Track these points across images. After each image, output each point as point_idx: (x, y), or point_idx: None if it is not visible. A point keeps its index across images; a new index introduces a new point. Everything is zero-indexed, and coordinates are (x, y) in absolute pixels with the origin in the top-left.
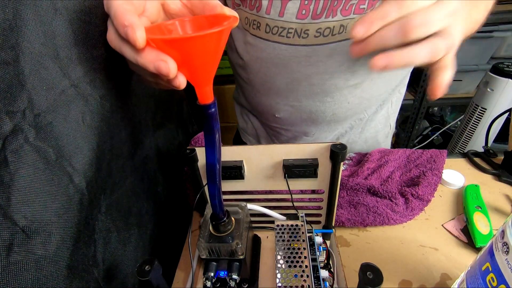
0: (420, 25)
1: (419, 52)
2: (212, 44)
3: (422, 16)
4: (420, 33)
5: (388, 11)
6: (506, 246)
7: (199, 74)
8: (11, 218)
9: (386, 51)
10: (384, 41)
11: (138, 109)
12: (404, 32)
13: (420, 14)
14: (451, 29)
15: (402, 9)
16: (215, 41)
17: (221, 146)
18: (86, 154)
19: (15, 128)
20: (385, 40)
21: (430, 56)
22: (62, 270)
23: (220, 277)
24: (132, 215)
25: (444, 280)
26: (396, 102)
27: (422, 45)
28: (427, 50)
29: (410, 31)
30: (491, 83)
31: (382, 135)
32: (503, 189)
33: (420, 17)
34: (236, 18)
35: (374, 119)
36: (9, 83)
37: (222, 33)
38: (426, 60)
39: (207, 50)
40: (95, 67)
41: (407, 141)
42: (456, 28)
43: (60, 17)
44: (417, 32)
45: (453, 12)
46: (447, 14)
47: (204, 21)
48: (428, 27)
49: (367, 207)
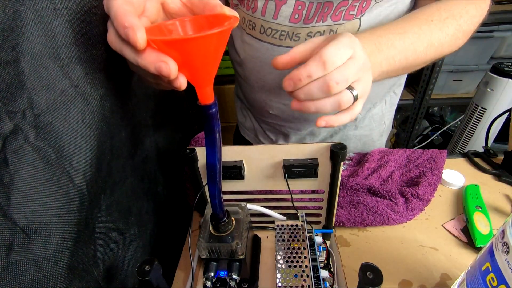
0: (339, 82)
1: (327, 104)
2: (213, 45)
3: (339, 74)
4: (340, 88)
5: (314, 72)
6: (506, 246)
7: (200, 75)
8: (11, 218)
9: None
10: (311, 96)
11: (138, 109)
12: (327, 88)
13: (338, 73)
14: (360, 81)
15: (325, 70)
16: (216, 42)
17: (221, 146)
18: (86, 154)
19: (15, 128)
20: (312, 95)
21: (337, 107)
22: (62, 270)
23: (220, 277)
24: (132, 215)
25: (444, 280)
26: (391, 101)
27: (330, 99)
28: (335, 103)
29: (332, 88)
30: (491, 83)
31: (377, 133)
32: (503, 189)
33: (338, 76)
34: (237, 18)
35: (368, 117)
36: (9, 83)
37: (222, 34)
38: (334, 109)
39: (208, 51)
40: (95, 67)
41: (407, 141)
42: (365, 79)
43: (60, 17)
44: (337, 89)
45: (362, 67)
46: (358, 69)
47: (204, 21)
48: (345, 84)
49: (367, 207)
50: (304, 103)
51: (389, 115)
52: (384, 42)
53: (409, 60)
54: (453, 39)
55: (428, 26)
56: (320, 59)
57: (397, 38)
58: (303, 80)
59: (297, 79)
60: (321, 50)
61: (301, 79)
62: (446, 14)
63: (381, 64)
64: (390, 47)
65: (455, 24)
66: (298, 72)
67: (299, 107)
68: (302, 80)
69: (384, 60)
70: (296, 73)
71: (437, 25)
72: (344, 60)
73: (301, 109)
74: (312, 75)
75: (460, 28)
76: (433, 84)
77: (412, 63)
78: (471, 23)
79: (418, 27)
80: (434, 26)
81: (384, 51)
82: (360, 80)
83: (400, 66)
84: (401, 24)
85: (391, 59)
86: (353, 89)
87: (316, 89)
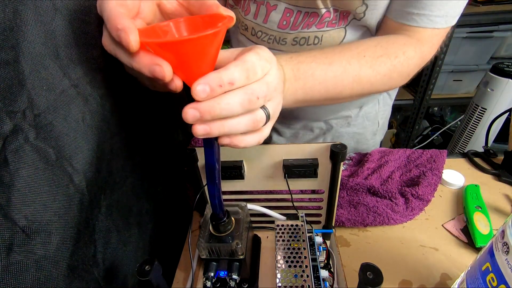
0: (260, 97)
1: (241, 123)
2: (207, 46)
3: (259, 88)
4: (259, 104)
5: (238, 79)
6: (506, 246)
7: (195, 76)
8: (11, 218)
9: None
10: (230, 110)
11: (138, 109)
12: (248, 103)
13: (259, 87)
14: (273, 101)
15: (248, 79)
16: (210, 43)
17: (219, 146)
18: (86, 154)
19: (15, 128)
20: (231, 109)
21: (252, 127)
22: (62, 270)
23: (220, 277)
24: (132, 215)
25: (444, 280)
26: (384, 101)
27: (245, 116)
28: (250, 122)
29: (252, 103)
30: (491, 83)
31: (370, 132)
32: (503, 189)
33: (258, 89)
34: (232, 18)
35: (361, 116)
36: (9, 83)
37: (216, 35)
38: (247, 129)
39: (202, 52)
40: (95, 67)
41: (407, 141)
42: (276, 100)
43: (60, 17)
44: (257, 104)
45: (276, 86)
46: (273, 88)
47: (199, 22)
48: (263, 100)
49: (367, 207)
50: (213, 123)
51: (383, 115)
52: (304, 70)
53: (330, 93)
54: (386, 79)
55: (358, 62)
56: (243, 65)
57: (320, 69)
58: (224, 87)
59: (216, 84)
60: (243, 56)
61: (221, 85)
62: (381, 52)
63: (296, 92)
64: (309, 76)
65: (389, 64)
66: (218, 76)
67: (205, 131)
68: (223, 87)
69: (300, 90)
70: (215, 77)
71: (369, 62)
72: (264, 73)
73: (209, 132)
74: (234, 82)
75: (394, 69)
76: (433, 84)
77: (335, 96)
78: (407, 64)
79: (347, 61)
80: (365, 62)
81: (301, 79)
82: (273, 100)
83: (320, 97)
84: (330, 54)
85: (308, 89)
86: (266, 108)
87: (236, 103)
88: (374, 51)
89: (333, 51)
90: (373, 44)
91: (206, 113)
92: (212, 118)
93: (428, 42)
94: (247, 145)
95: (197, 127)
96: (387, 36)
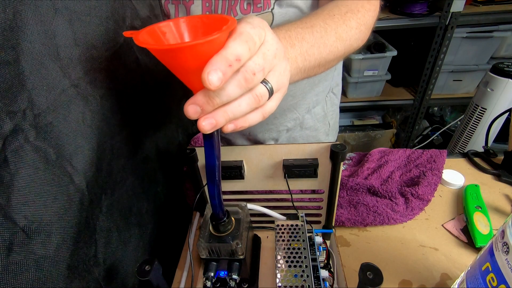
0: (256, 72)
1: (242, 103)
2: (204, 52)
3: (254, 62)
4: (257, 80)
5: (242, 53)
6: (506, 246)
7: (196, 81)
8: (11, 218)
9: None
10: (229, 94)
11: (139, 109)
12: (244, 81)
13: (253, 61)
14: (275, 71)
15: (251, 51)
16: (209, 49)
17: (220, 146)
18: (86, 154)
19: (16, 128)
20: (229, 93)
21: (255, 104)
22: (62, 270)
23: (220, 277)
24: (132, 215)
25: (444, 280)
26: (331, 101)
27: (245, 96)
28: (252, 100)
29: (249, 80)
30: (491, 83)
31: (323, 133)
32: (503, 189)
33: (253, 64)
34: (234, 21)
35: (310, 118)
36: (10, 83)
37: (215, 41)
38: (251, 108)
39: (200, 58)
40: (95, 67)
41: (407, 141)
42: (280, 68)
43: (60, 17)
44: (255, 80)
45: (276, 52)
46: (272, 56)
47: (199, 23)
48: (261, 74)
49: (367, 206)
50: (216, 113)
51: (332, 115)
52: (294, 36)
53: (322, 55)
54: (358, 32)
55: (332, 20)
56: (241, 38)
57: (306, 32)
58: (233, 66)
59: (225, 65)
60: (237, 29)
61: (231, 64)
62: (345, 9)
63: (297, 59)
64: (301, 40)
65: (356, 18)
66: (223, 57)
67: (211, 125)
68: (232, 66)
69: (299, 56)
70: (221, 59)
71: (340, 19)
72: (261, 41)
73: (216, 124)
74: (240, 58)
75: (360, 22)
76: (433, 84)
77: (326, 58)
78: (368, 16)
79: (323, 21)
80: (337, 20)
81: (297, 45)
82: (274, 70)
83: (315, 62)
84: (307, 19)
85: (305, 54)
86: (267, 81)
87: (232, 85)
88: (339, 10)
89: (307, 17)
90: (334, 4)
91: (205, 104)
92: (213, 108)
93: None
94: (251, 123)
95: (202, 123)
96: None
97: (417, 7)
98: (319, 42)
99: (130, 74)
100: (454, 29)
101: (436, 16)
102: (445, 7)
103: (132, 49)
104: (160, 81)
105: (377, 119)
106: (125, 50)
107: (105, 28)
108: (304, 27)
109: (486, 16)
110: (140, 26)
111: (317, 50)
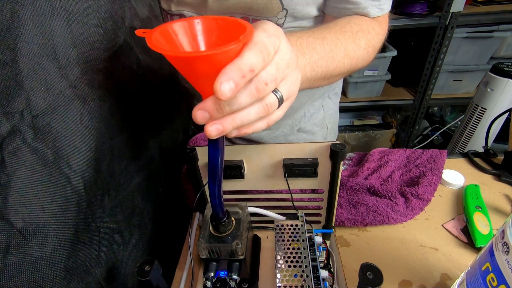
0: (268, 83)
1: (251, 112)
2: (219, 60)
3: (267, 72)
4: (268, 90)
5: (256, 64)
6: (506, 246)
7: (206, 86)
8: (8, 220)
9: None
10: (239, 103)
11: (141, 109)
12: (256, 91)
13: (266, 71)
14: (287, 80)
15: (265, 61)
16: (223, 58)
17: (224, 147)
18: (84, 155)
19: (13, 129)
20: (240, 102)
21: (264, 113)
22: (60, 272)
23: (220, 277)
24: (135, 215)
25: (444, 280)
26: (328, 106)
27: (254, 105)
28: (261, 110)
29: (261, 90)
30: (491, 83)
31: (320, 136)
32: (503, 189)
33: (266, 74)
34: (251, 30)
35: (308, 122)
36: (7, 84)
37: (229, 51)
38: (259, 117)
39: (214, 66)
40: (93, 68)
41: (407, 141)
42: (292, 77)
43: (58, 17)
44: (267, 91)
45: (289, 62)
46: (285, 66)
47: (213, 25)
48: (273, 84)
49: (367, 206)
50: (224, 120)
51: (331, 119)
52: (306, 45)
53: (329, 68)
54: (365, 53)
55: (343, 36)
56: (256, 48)
57: (318, 43)
58: (246, 77)
59: (239, 76)
60: (252, 38)
61: (244, 75)
62: (356, 28)
63: (305, 68)
64: (312, 50)
65: (365, 39)
66: (237, 67)
67: (218, 130)
68: (245, 77)
69: (308, 65)
70: (235, 69)
71: (351, 37)
72: (275, 50)
73: (222, 131)
74: (254, 69)
75: (369, 43)
76: (433, 84)
77: (332, 72)
78: (377, 39)
79: (335, 36)
80: (348, 37)
81: (307, 54)
82: (286, 80)
83: (322, 74)
84: (319, 30)
85: (314, 64)
86: (277, 90)
87: (243, 94)
88: (351, 27)
89: (319, 28)
90: (346, 21)
91: (215, 111)
92: (222, 115)
93: (383, 23)
94: (255, 130)
95: (209, 128)
96: (353, 16)
97: (417, 7)
98: (328, 55)
99: (131, 75)
100: (454, 29)
101: (436, 16)
102: (445, 7)
103: (133, 50)
104: (163, 81)
105: (377, 119)
106: (125, 50)
107: (104, 28)
108: (316, 37)
109: (486, 16)
110: (140, 26)
111: (325, 63)
